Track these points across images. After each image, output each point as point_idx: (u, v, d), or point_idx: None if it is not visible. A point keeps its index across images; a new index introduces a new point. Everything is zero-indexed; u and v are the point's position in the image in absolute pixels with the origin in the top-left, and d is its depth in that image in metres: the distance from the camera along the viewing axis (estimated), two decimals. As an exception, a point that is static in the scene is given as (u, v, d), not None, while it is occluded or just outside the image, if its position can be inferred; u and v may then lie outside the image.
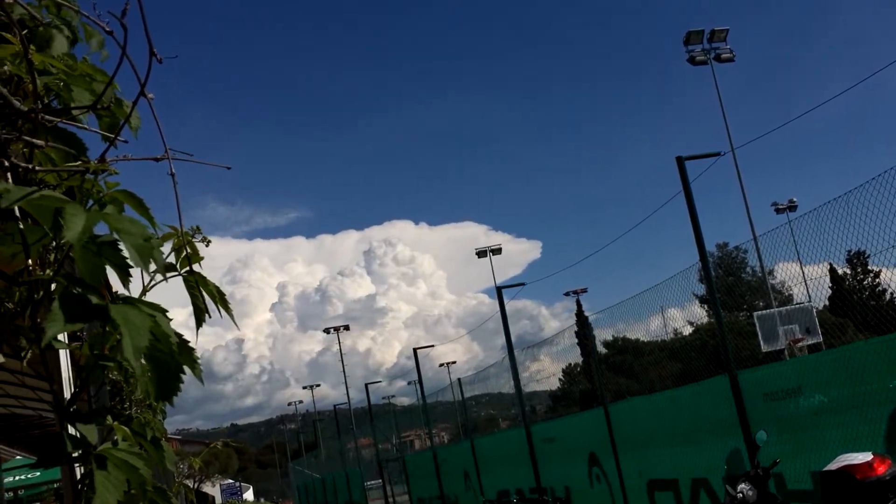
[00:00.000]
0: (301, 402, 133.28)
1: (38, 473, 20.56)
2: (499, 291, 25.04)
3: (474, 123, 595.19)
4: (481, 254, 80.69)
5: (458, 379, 31.70)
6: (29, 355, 2.44)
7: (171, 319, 2.00)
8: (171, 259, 2.49)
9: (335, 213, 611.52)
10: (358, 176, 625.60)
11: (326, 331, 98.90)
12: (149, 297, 2.26)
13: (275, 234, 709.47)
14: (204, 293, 2.42)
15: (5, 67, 2.19)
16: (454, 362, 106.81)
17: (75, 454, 2.18)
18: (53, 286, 2.10)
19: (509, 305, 24.93)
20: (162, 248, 2.04)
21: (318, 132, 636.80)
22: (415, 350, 36.70)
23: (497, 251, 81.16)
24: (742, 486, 12.23)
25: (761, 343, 30.04)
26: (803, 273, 17.02)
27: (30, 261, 2.24)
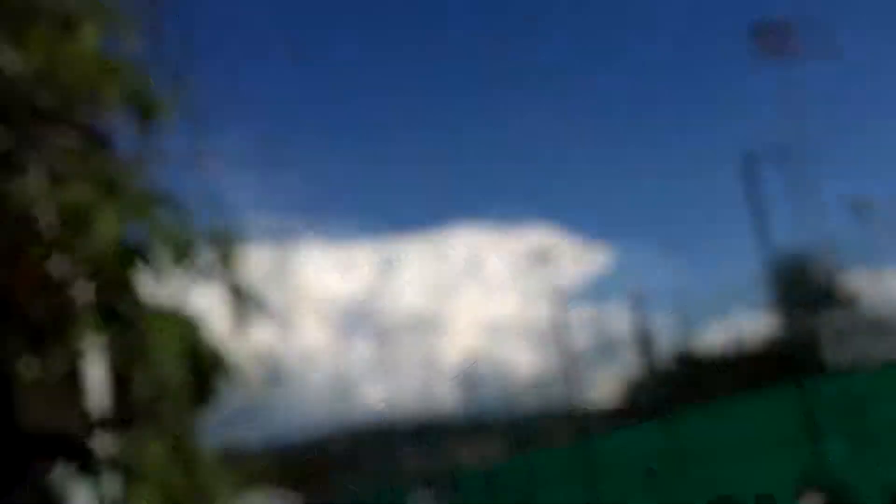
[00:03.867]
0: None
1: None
2: (551, 296, 25.02)
3: (541, 129, 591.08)
4: (531, 255, 79.84)
5: (513, 392, 31.53)
6: (59, 365, 2.46)
7: (203, 328, 2.01)
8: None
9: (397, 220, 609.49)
10: (422, 185, 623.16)
11: (366, 338, 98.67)
12: (188, 299, 2.28)
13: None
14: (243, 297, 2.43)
15: (36, 60, 2.21)
16: (508, 373, 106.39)
17: (108, 467, 2.19)
18: (85, 292, 2.12)
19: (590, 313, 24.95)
20: (199, 251, 2.06)
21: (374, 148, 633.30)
22: (465, 361, 36.58)
23: (546, 253, 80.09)
24: (812, 502, 12.12)
25: (832, 352, 29.69)
26: (878, 276, 16.85)
27: (60, 264, 2.26)
